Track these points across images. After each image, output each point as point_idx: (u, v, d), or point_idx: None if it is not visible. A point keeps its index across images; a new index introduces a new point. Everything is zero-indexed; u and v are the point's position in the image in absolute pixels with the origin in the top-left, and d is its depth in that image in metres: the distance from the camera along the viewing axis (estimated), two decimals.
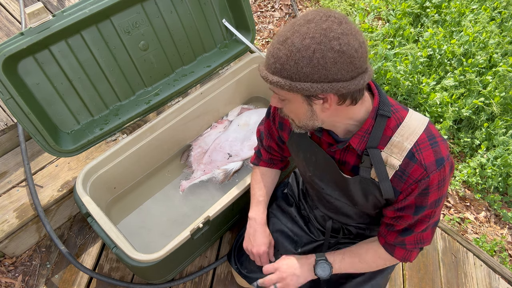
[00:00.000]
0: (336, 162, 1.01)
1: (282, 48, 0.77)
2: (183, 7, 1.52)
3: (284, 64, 0.77)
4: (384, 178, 0.92)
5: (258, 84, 2.06)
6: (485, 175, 2.20)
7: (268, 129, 1.25)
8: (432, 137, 0.89)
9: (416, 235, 0.98)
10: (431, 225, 0.98)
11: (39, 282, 1.66)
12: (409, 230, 0.98)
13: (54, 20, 1.21)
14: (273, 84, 0.80)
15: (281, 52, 0.77)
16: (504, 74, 2.37)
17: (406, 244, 1.01)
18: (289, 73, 0.77)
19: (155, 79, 1.58)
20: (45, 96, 1.32)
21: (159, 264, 1.29)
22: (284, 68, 0.77)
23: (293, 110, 0.88)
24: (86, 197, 1.39)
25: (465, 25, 2.67)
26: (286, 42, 0.77)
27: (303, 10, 3.15)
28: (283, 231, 1.32)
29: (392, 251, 1.04)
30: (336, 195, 1.09)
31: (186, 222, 1.70)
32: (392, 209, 0.97)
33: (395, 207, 0.96)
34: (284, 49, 0.77)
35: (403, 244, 1.01)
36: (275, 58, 0.79)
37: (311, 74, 0.76)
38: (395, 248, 1.03)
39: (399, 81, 2.46)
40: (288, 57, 0.76)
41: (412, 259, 1.04)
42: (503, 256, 1.97)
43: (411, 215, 0.94)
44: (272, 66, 0.79)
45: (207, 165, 1.85)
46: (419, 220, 0.95)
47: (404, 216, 0.96)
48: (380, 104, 0.90)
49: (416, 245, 1.01)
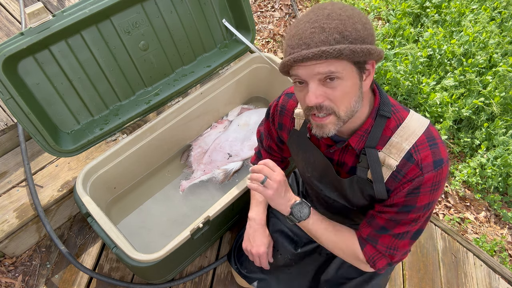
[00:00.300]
0: (335, 163, 1.01)
1: (329, 22, 0.76)
2: (183, 7, 1.52)
3: (343, 32, 0.76)
4: (379, 179, 0.91)
5: (258, 84, 2.06)
6: (485, 175, 2.20)
7: (267, 130, 1.25)
8: (431, 139, 0.89)
9: (392, 238, 0.95)
10: (411, 233, 0.94)
11: (39, 282, 1.66)
12: (386, 229, 0.95)
13: (54, 20, 1.21)
14: (339, 54, 0.75)
15: (332, 24, 0.76)
16: (504, 74, 2.37)
17: (378, 243, 0.97)
18: (350, 38, 0.76)
19: (155, 79, 1.58)
20: (45, 96, 1.32)
21: (159, 264, 1.29)
22: (343, 35, 0.76)
23: (346, 91, 0.81)
24: (86, 197, 1.39)
25: (465, 25, 2.67)
26: (330, 16, 0.77)
27: (303, 10, 3.15)
28: (282, 231, 1.32)
29: (363, 246, 1.00)
30: (334, 197, 1.09)
31: (186, 222, 1.70)
32: (381, 204, 0.95)
33: (385, 203, 0.94)
34: (334, 22, 0.76)
35: (375, 242, 0.97)
36: (327, 32, 0.76)
37: (366, 36, 0.78)
38: (366, 244, 0.99)
39: (399, 81, 2.46)
40: (343, 24, 0.76)
41: (378, 265, 0.99)
42: (503, 256, 1.97)
43: (394, 211, 0.92)
44: (328, 38, 0.76)
45: (207, 165, 1.85)
46: (401, 221, 0.92)
47: (388, 211, 0.93)
48: (381, 104, 0.90)
49: (387, 250, 0.96)
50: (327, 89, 0.80)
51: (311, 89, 0.80)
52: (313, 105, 0.81)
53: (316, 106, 0.82)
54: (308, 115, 0.87)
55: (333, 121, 0.84)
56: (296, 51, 0.78)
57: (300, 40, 0.78)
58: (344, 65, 0.78)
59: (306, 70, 0.79)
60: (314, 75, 0.79)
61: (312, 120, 0.86)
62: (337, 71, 0.78)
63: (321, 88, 0.80)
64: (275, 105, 1.17)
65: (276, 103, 1.16)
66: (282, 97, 1.15)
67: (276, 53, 2.90)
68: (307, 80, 0.80)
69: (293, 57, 0.78)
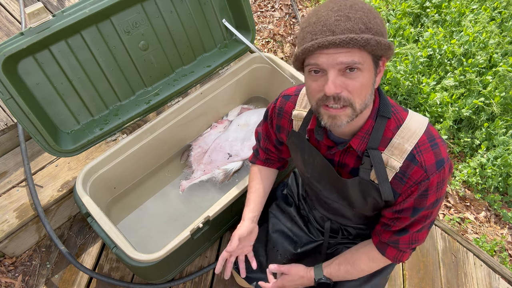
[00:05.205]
0: (336, 164, 1.01)
1: (353, 12, 0.76)
2: (183, 7, 1.52)
3: (367, 23, 0.76)
4: (384, 179, 0.91)
5: (258, 84, 2.06)
6: (485, 175, 2.20)
7: (265, 131, 1.25)
8: (432, 139, 0.89)
9: (411, 235, 0.99)
10: (427, 225, 0.98)
11: (39, 282, 1.66)
12: (405, 230, 0.98)
13: (54, 20, 1.21)
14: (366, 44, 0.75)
15: (357, 15, 0.76)
16: (504, 74, 2.37)
17: (399, 244, 1.01)
18: (373, 30, 0.76)
19: (155, 79, 1.58)
20: (45, 96, 1.32)
21: (159, 264, 1.29)
22: (367, 26, 0.76)
23: (364, 83, 0.80)
24: (86, 197, 1.39)
25: (465, 25, 2.67)
26: (353, 7, 0.77)
27: (303, 10, 3.15)
28: (282, 231, 1.32)
29: (384, 251, 1.04)
30: (333, 197, 1.09)
31: (186, 222, 1.70)
32: (391, 210, 0.97)
33: (393, 209, 0.96)
34: (358, 13, 0.76)
35: (396, 244, 1.01)
36: (353, 21, 0.75)
37: (384, 32, 0.80)
38: (387, 247, 1.03)
39: (399, 81, 2.46)
40: (367, 16, 0.76)
41: (405, 259, 1.05)
42: (503, 256, 1.97)
43: (408, 217, 0.94)
44: (353, 27, 0.75)
45: (207, 165, 1.85)
46: (416, 221, 0.96)
47: (402, 218, 0.96)
48: (381, 105, 0.91)
49: (409, 245, 1.01)
50: (346, 79, 0.79)
51: (331, 78, 0.78)
52: (331, 94, 0.79)
53: (334, 97, 0.80)
54: (319, 106, 0.84)
55: (349, 113, 0.82)
56: (320, 36, 0.76)
57: (324, 27, 0.76)
58: (365, 56, 0.78)
59: (327, 58, 0.77)
60: (337, 64, 0.77)
61: (324, 110, 0.84)
62: (359, 62, 0.77)
63: (341, 78, 0.78)
64: (272, 107, 1.17)
65: (273, 105, 1.16)
66: (279, 99, 1.15)
67: (276, 53, 2.90)
68: (327, 68, 0.78)
69: (318, 42, 0.75)
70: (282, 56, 2.86)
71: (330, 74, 0.78)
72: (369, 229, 1.21)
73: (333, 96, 0.80)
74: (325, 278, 1.11)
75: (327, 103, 0.81)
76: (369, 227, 1.20)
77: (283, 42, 2.94)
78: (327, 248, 1.29)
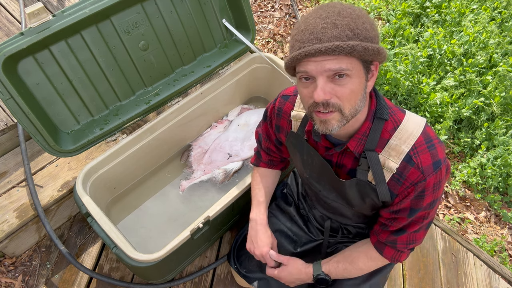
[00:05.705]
0: (334, 165, 1.01)
1: (340, 19, 0.76)
2: (183, 7, 1.52)
3: (354, 30, 0.76)
4: (381, 180, 0.92)
5: (258, 84, 2.06)
6: (485, 175, 2.20)
7: (265, 131, 1.25)
8: (429, 140, 0.89)
9: (409, 235, 0.99)
10: (425, 226, 0.99)
11: (39, 282, 1.66)
12: (402, 230, 0.99)
13: (54, 20, 1.21)
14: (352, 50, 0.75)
15: (344, 21, 0.76)
16: (504, 74, 2.37)
17: (397, 244, 1.01)
18: (360, 36, 0.76)
19: (155, 79, 1.58)
20: (45, 96, 1.32)
21: (159, 264, 1.29)
22: (355, 33, 0.76)
23: (353, 89, 0.81)
24: (86, 197, 1.39)
25: (465, 25, 2.67)
26: (341, 14, 0.77)
27: (303, 10, 3.15)
28: (282, 230, 1.32)
29: (382, 250, 1.04)
30: (332, 197, 1.10)
31: (186, 222, 1.70)
32: (388, 211, 0.98)
33: (391, 209, 0.97)
34: (345, 19, 0.76)
35: (394, 244, 1.02)
36: (340, 28, 0.76)
37: (374, 37, 0.79)
38: (385, 247, 1.04)
39: (399, 81, 2.46)
40: (355, 22, 0.76)
41: (402, 259, 1.05)
42: (503, 256, 1.97)
43: (405, 217, 0.95)
44: (340, 34, 0.76)
45: (207, 165, 1.85)
46: (413, 221, 0.96)
47: (399, 218, 0.96)
48: (378, 107, 0.91)
49: (407, 245, 1.01)
50: (335, 85, 0.80)
51: (320, 85, 0.79)
52: (320, 101, 0.80)
53: (323, 103, 0.81)
54: (311, 112, 0.86)
55: (337, 117, 0.83)
56: (307, 45, 0.77)
57: (312, 35, 0.77)
58: (354, 63, 0.78)
59: (316, 66, 0.78)
60: (324, 71, 0.78)
61: (316, 116, 0.85)
62: (347, 68, 0.77)
63: (330, 84, 0.80)
64: (272, 107, 1.17)
65: (273, 105, 1.17)
66: (278, 99, 1.15)
67: (276, 53, 2.90)
68: (315, 76, 0.79)
69: (305, 51, 0.76)
70: (282, 56, 2.86)
71: (319, 81, 0.79)
72: (368, 229, 1.21)
73: (322, 103, 0.81)
74: (323, 274, 1.11)
75: (318, 109, 0.83)
76: (368, 226, 1.20)
77: (283, 42, 2.94)
78: (327, 247, 1.29)
